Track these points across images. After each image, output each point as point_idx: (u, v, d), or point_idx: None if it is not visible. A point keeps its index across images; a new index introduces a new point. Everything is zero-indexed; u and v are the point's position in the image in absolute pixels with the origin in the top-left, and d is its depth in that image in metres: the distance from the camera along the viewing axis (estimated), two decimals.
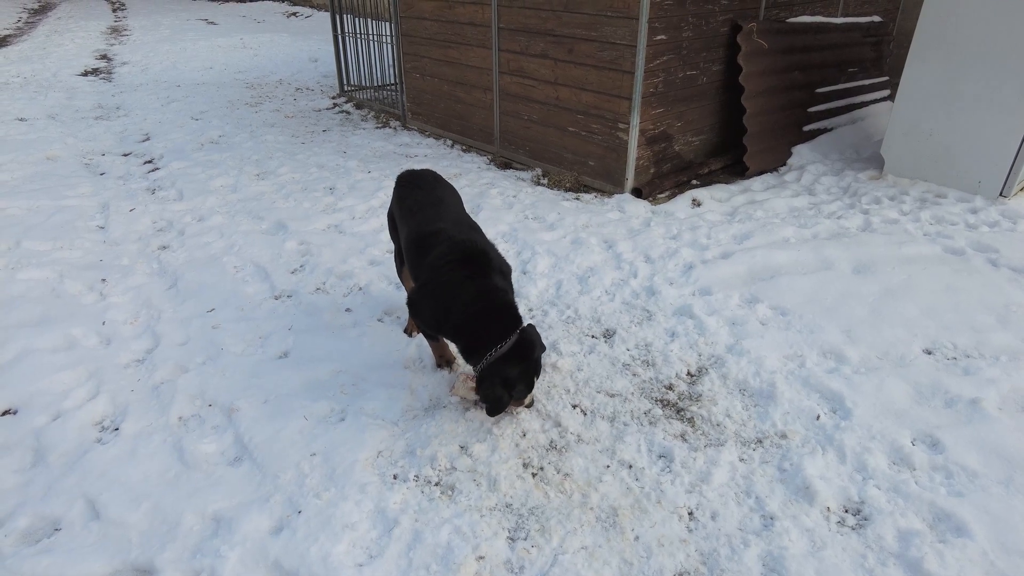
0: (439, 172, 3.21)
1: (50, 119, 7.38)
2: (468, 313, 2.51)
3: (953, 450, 2.48)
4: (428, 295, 2.62)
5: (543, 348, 2.64)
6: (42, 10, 17.86)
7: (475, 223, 2.92)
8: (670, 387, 2.94)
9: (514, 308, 2.59)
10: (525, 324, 2.58)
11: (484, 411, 2.65)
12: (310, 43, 12.92)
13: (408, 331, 3.31)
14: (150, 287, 3.82)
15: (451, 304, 2.53)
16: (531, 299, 3.64)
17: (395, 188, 3.09)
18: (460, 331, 2.57)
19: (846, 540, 2.15)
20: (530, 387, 2.62)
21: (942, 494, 2.30)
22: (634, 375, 3.02)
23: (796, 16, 5.96)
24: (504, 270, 2.69)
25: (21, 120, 7.27)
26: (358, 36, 7.92)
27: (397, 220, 3.03)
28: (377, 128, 7.27)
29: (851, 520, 2.24)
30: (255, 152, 6.27)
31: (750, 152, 5.49)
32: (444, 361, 3.03)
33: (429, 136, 6.94)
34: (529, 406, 2.77)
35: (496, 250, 2.73)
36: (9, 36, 13.42)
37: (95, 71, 10.27)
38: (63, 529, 2.24)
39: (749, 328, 3.30)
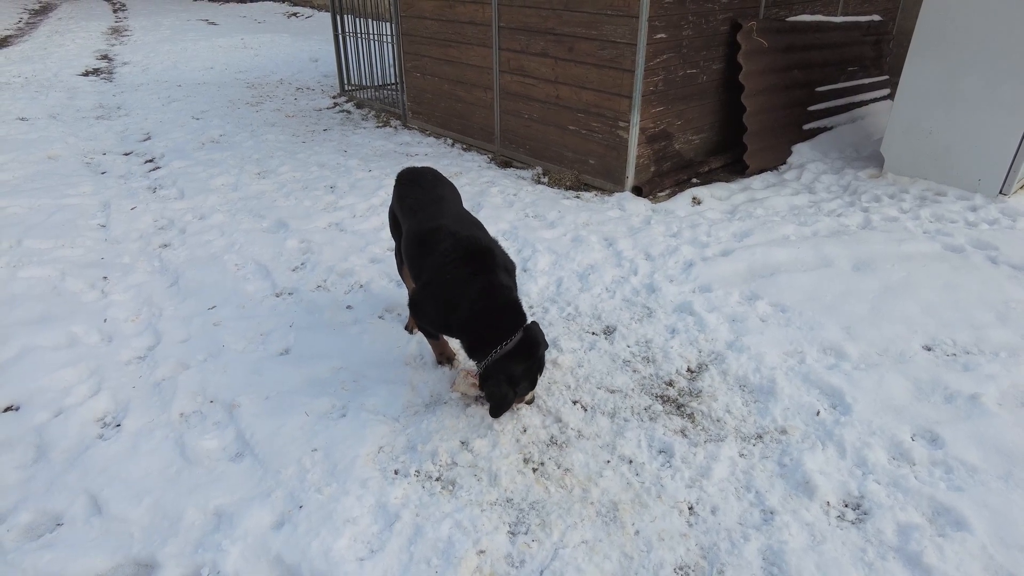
0: (439, 171, 3.21)
1: (51, 119, 7.39)
2: (473, 310, 2.50)
3: (953, 445, 2.49)
4: (431, 295, 2.61)
5: (546, 346, 2.64)
6: (43, 10, 17.88)
7: (477, 220, 2.91)
8: (670, 383, 2.95)
9: (518, 305, 2.58)
10: (528, 322, 2.58)
11: (485, 407, 2.66)
12: (310, 43, 12.93)
13: (409, 328, 3.31)
14: (151, 285, 3.83)
15: (455, 301, 2.53)
16: (532, 296, 3.65)
17: (395, 186, 3.09)
18: (464, 328, 2.57)
19: (846, 534, 2.16)
20: (533, 384, 2.63)
21: (942, 489, 2.31)
22: (634, 371, 3.02)
23: (796, 15, 5.97)
24: (508, 267, 2.68)
25: (22, 120, 7.28)
26: (359, 36, 7.94)
27: (399, 218, 3.03)
28: (378, 127, 7.28)
29: (851, 514, 2.25)
30: (256, 151, 6.28)
31: (750, 150, 5.49)
32: (445, 358, 3.04)
33: (430, 135, 6.95)
34: (530, 402, 2.77)
35: (500, 247, 2.72)
36: (10, 36, 13.43)
37: (96, 71, 10.28)
38: (65, 524, 2.25)
39: (749, 325, 3.30)
